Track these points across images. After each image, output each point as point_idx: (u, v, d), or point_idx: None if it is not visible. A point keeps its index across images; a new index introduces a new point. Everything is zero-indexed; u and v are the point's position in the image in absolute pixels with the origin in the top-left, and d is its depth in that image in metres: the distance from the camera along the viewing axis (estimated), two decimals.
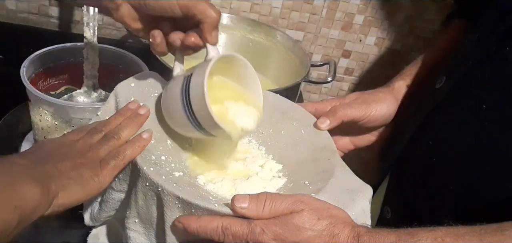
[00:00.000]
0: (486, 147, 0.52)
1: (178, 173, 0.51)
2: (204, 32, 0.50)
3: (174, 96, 0.52)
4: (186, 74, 0.51)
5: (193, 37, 0.50)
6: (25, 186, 0.39)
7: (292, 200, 0.44)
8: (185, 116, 0.51)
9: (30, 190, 0.39)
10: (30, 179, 0.40)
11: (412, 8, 1.13)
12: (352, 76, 1.25)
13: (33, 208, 0.39)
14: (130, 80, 0.59)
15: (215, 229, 0.44)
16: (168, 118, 0.54)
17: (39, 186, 0.40)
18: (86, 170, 0.45)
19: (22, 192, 0.38)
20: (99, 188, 0.46)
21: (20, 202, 0.38)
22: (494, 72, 0.53)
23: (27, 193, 0.38)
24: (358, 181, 0.55)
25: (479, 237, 0.42)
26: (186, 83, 0.50)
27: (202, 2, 0.48)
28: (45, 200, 0.40)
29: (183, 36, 0.51)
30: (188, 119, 0.51)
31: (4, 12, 1.02)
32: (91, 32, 0.70)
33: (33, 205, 0.39)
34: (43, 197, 0.40)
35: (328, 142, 0.59)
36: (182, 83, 0.51)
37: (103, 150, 0.48)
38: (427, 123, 0.59)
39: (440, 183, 0.56)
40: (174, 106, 0.52)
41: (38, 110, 0.65)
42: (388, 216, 0.65)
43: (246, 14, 1.10)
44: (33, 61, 0.68)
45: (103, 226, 0.61)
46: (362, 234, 0.43)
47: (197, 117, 0.50)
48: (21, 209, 0.37)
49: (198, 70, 0.50)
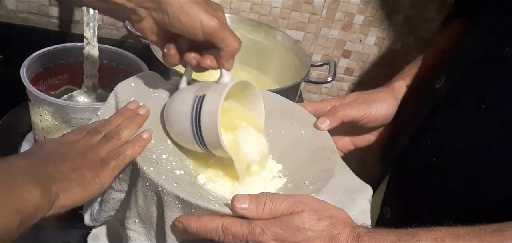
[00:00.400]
0: (486, 147, 0.52)
1: (179, 171, 0.51)
2: (222, 58, 0.50)
3: (182, 113, 0.51)
4: (198, 94, 0.51)
5: (209, 60, 0.51)
6: (26, 188, 0.39)
7: (292, 201, 0.44)
8: (191, 135, 0.51)
9: (31, 193, 0.39)
10: (31, 181, 0.39)
11: (412, 8, 1.13)
12: (352, 76, 1.25)
13: (34, 210, 0.39)
14: (130, 80, 0.59)
15: (215, 229, 0.44)
16: (171, 130, 0.54)
17: (40, 188, 0.40)
18: (87, 171, 0.45)
19: (23, 195, 0.38)
20: (100, 188, 0.46)
21: (21, 204, 0.37)
22: (494, 72, 0.53)
23: (28, 196, 0.38)
24: (358, 181, 0.55)
25: (479, 237, 0.42)
26: (198, 106, 0.50)
27: (225, 31, 0.49)
28: (46, 202, 0.40)
29: (199, 58, 0.52)
30: (194, 139, 0.51)
31: (4, 12, 1.02)
32: (91, 32, 0.70)
33: (34, 208, 0.39)
34: (44, 199, 0.40)
35: (328, 142, 0.59)
36: (193, 104, 0.50)
37: (103, 150, 0.48)
38: (427, 122, 0.59)
39: (439, 183, 0.56)
40: (181, 122, 0.51)
41: (38, 110, 0.65)
42: (388, 216, 0.65)
43: (246, 14, 1.10)
44: (33, 61, 0.68)
45: (103, 226, 0.61)
46: (362, 235, 0.43)
47: (205, 141, 0.50)
48: (22, 212, 0.37)
49: (211, 95, 0.49)
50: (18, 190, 0.38)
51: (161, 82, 0.62)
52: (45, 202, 0.40)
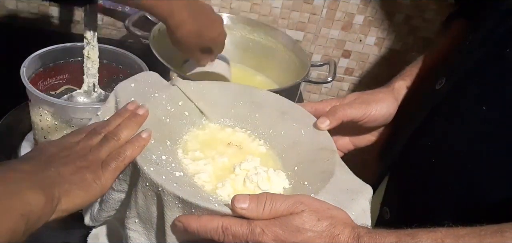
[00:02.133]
0: (486, 148, 0.52)
1: (179, 172, 0.51)
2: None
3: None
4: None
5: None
6: (30, 193, 0.39)
7: (292, 201, 0.44)
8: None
9: (35, 198, 0.39)
10: (34, 186, 0.40)
11: (412, 8, 1.13)
12: (352, 76, 1.25)
13: (38, 215, 0.39)
14: (130, 80, 0.59)
15: (215, 229, 0.44)
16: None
17: (43, 194, 0.40)
18: (88, 173, 0.45)
19: (27, 200, 0.38)
20: (101, 190, 0.46)
21: (26, 209, 0.38)
22: (495, 74, 0.53)
23: (32, 201, 0.38)
24: (358, 181, 0.55)
25: (479, 238, 0.41)
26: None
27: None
28: (49, 207, 0.40)
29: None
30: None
31: (4, 12, 1.02)
32: (91, 32, 0.70)
33: (38, 213, 0.39)
34: (47, 204, 0.40)
35: (328, 142, 0.59)
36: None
37: (103, 152, 0.48)
38: (427, 123, 0.59)
39: (439, 183, 0.56)
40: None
41: (38, 110, 0.65)
42: (387, 216, 0.65)
43: (246, 14, 1.10)
44: (33, 61, 0.68)
45: (103, 226, 0.61)
46: (362, 235, 0.43)
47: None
48: (27, 217, 0.37)
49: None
50: (23, 196, 0.38)
51: (161, 82, 0.62)
52: (48, 207, 0.40)
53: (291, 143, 0.61)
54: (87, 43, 0.71)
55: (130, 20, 0.90)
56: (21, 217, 0.37)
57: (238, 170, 0.55)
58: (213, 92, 0.63)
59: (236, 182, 0.53)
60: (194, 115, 0.61)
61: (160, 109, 0.57)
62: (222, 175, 0.55)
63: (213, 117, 0.62)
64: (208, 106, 0.62)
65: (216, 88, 0.64)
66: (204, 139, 0.60)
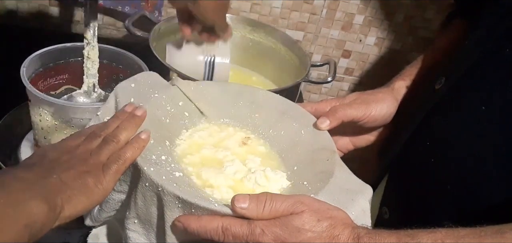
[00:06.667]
0: (485, 148, 0.52)
1: (179, 173, 0.51)
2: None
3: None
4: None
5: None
6: (33, 203, 0.39)
7: (292, 201, 0.44)
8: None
9: (38, 207, 0.39)
10: (37, 196, 0.39)
11: (412, 8, 1.13)
12: (352, 76, 1.25)
13: (42, 225, 0.39)
14: (130, 80, 0.59)
15: (215, 229, 0.44)
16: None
17: (47, 203, 0.39)
18: (89, 178, 0.45)
19: (31, 210, 0.38)
20: (103, 194, 0.46)
21: (29, 220, 0.37)
22: (494, 74, 0.53)
23: (36, 210, 0.38)
24: (357, 181, 0.55)
25: (479, 239, 0.42)
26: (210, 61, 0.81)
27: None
28: (52, 215, 0.40)
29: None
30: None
31: (4, 12, 1.02)
32: (91, 32, 0.70)
33: (42, 222, 0.39)
34: (50, 213, 0.40)
35: (328, 142, 0.59)
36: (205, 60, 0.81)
37: (104, 155, 0.48)
38: (427, 123, 0.59)
39: (438, 183, 0.56)
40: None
41: (38, 110, 0.65)
42: (386, 216, 0.65)
43: (246, 14, 1.10)
44: (33, 61, 0.68)
45: (103, 226, 0.61)
46: (362, 235, 0.43)
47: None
48: (31, 227, 0.37)
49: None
50: (26, 206, 0.38)
51: (161, 82, 0.62)
52: (51, 216, 0.40)
53: (291, 143, 0.61)
54: (87, 43, 0.71)
55: (130, 20, 0.90)
56: (24, 227, 0.37)
57: (238, 170, 0.55)
58: (213, 92, 0.63)
59: (236, 182, 0.53)
60: (194, 116, 0.61)
61: (160, 110, 0.57)
62: (222, 175, 0.55)
63: (213, 117, 0.62)
64: (208, 106, 0.62)
65: (216, 89, 0.64)
66: (204, 139, 0.60)
